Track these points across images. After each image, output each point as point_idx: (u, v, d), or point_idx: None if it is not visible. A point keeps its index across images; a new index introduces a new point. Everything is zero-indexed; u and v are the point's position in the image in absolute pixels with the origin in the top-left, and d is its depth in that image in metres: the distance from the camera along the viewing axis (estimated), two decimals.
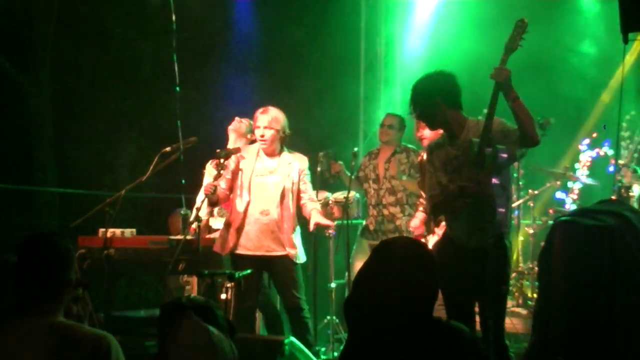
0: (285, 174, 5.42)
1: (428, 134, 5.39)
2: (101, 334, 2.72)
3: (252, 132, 5.70)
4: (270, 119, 5.39)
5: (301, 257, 5.43)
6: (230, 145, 5.94)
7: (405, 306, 2.64)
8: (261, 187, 5.40)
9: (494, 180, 4.13)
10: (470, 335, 2.68)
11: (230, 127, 6.07)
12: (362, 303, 2.73)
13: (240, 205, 5.41)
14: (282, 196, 5.38)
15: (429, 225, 5.52)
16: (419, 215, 5.72)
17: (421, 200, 5.75)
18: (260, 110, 5.46)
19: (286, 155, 5.49)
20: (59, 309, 2.73)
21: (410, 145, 6.66)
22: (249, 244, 5.36)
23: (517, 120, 4.04)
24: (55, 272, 2.73)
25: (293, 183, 5.44)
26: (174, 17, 5.81)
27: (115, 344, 2.72)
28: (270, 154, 5.45)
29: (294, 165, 5.45)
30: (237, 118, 6.10)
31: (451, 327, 2.69)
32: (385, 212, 6.55)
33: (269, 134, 5.39)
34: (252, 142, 5.71)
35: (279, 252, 5.35)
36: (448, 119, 4.27)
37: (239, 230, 5.38)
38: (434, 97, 4.25)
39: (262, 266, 5.38)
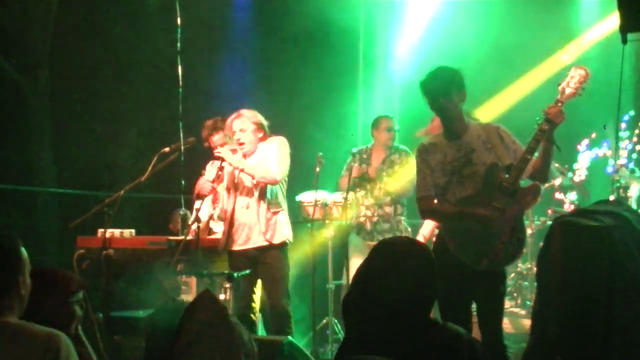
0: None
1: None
2: (53, 332, 2.66)
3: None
4: (241, 121, 5.46)
5: (288, 236, 5.45)
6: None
7: (404, 306, 2.64)
8: (240, 183, 5.46)
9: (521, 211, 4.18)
10: (467, 338, 2.68)
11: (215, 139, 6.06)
12: (360, 302, 2.72)
13: (228, 205, 5.50)
14: (256, 185, 5.42)
15: None
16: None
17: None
18: (232, 117, 5.52)
19: (262, 145, 5.52)
20: (6, 310, 2.68)
21: (402, 147, 6.72)
22: (239, 240, 5.42)
23: (544, 160, 4.12)
24: None
25: None
26: (179, 20, 5.81)
27: (67, 342, 2.66)
28: (252, 151, 5.49)
29: (264, 148, 5.47)
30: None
31: (448, 330, 2.69)
32: (381, 211, 6.56)
33: (244, 136, 5.45)
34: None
35: (265, 243, 5.38)
36: (458, 115, 4.25)
37: (230, 228, 5.43)
38: (453, 90, 4.19)
39: (253, 260, 5.41)
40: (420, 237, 5.86)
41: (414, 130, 6.35)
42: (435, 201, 4.28)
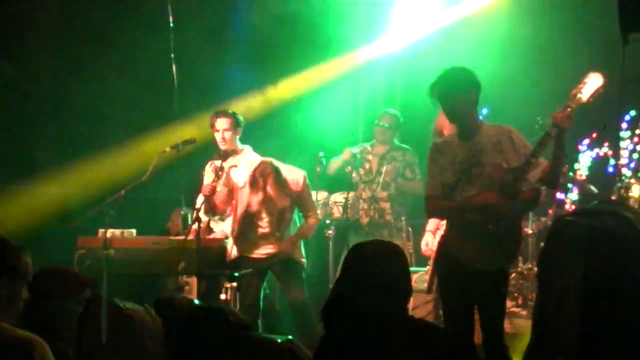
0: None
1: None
2: (29, 338, 2.62)
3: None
4: (222, 122, 5.67)
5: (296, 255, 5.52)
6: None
7: (379, 306, 2.69)
8: (242, 192, 5.50)
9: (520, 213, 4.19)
10: (443, 331, 2.74)
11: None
12: (339, 308, 2.77)
13: (236, 212, 5.53)
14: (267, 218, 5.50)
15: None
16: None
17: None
18: (213, 116, 5.73)
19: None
20: None
21: (404, 145, 6.73)
22: (248, 247, 5.44)
23: (555, 164, 4.05)
24: None
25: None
26: (171, 18, 5.82)
27: (43, 348, 2.61)
28: (233, 151, 5.66)
29: (287, 181, 5.56)
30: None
31: (425, 325, 2.75)
32: (378, 206, 6.58)
33: (226, 134, 5.66)
34: None
35: (272, 252, 5.41)
36: (468, 115, 4.23)
37: (237, 235, 5.47)
38: (471, 88, 4.18)
39: (263, 267, 5.42)
40: (427, 234, 5.86)
41: (415, 129, 6.36)
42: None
